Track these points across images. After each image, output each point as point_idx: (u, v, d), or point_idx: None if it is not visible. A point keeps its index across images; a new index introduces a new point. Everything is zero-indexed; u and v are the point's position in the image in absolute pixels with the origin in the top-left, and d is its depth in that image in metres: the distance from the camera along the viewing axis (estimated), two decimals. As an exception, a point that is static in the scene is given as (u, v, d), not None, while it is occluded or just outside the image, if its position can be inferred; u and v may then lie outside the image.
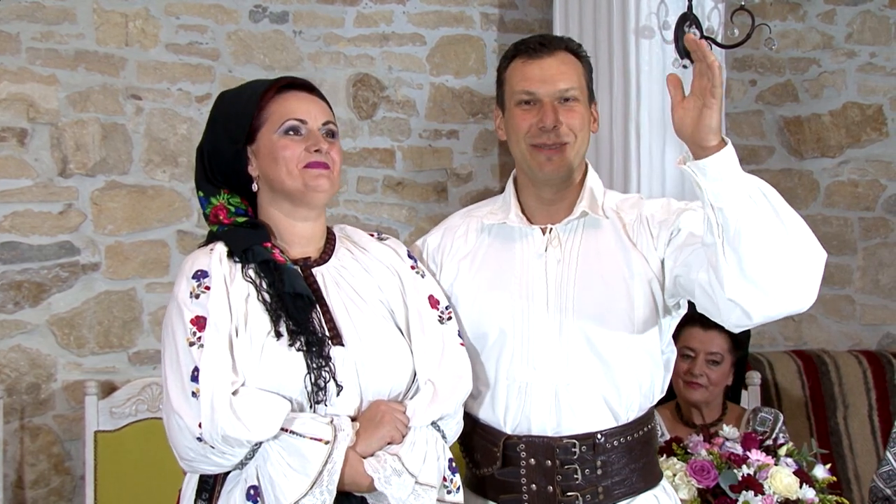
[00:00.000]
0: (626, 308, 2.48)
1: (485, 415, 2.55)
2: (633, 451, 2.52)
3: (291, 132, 2.42)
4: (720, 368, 3.76)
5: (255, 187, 2.46)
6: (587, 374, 2.47)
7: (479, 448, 2.57)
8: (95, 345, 4.37)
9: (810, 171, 5.33)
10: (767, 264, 2.16)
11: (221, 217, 2.47)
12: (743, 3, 4.10)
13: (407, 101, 4.79)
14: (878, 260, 5.34)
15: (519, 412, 2.50)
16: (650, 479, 2.56)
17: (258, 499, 2.26)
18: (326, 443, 2.25)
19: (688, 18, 4.13)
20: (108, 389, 4.23)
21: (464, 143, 4.85)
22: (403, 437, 2.34)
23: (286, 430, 2.26)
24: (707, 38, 4.14)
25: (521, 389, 2.49)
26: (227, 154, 2.45)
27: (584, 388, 2.47)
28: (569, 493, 2.46)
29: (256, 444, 2.25)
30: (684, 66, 4.15)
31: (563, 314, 2.48)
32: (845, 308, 5.32)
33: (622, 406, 2.50)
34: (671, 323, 2.59)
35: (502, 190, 2.68)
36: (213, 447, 2.24)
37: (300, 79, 2.52)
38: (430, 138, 4.82)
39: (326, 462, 2.24)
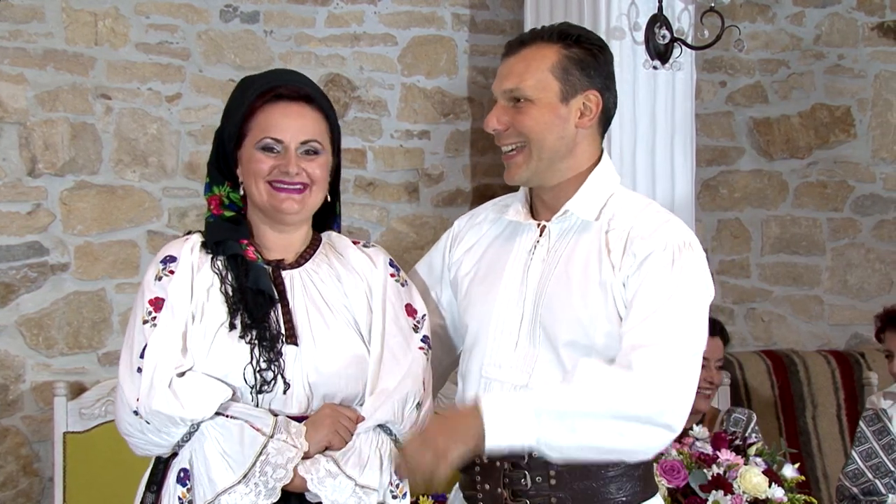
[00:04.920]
0: (592, 316, 2.38)
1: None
2: (600, 464, 2.36)
3: (266, 149, 2.43)
4: (721, 373, 3.87)
5: (241, 191, 2.49)
6: (547, 378, 2.38)
7: None
8: (65, 345, 4.34)
9: (779, 171, 5.37)
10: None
11: (213, 206, 2.50)
12: (713, 5, 4.11)
13: (378, 101, 4.78)
14: (846, 260, 5.38)
15: None
16: (643, 493, 2.43)
17: (187, 482, 2.29)
18: (264, 435, 2.29)
19: (658, 20, 4.15)
20: (77, 390, 4.21)
21: (435, 144, 4.85)
22: (346, 442, 2.35)
23: (225, 416, 2.30)
24: (677, 39, 4.16)
25: (485, 386, 2.44)
26: (228, 147, 2.49)
27: None
28: (517, 499, 2.39)
29: (193, 427, 2.29)
30: (654, 68, 4.17)
31: (534, 314, 2.42)
32: (814, 308, 5.36)
33: None
34: None
35: (474, 191, 2.66)
36: (148, 423, 2.28)
37: (296, 86, 2.47)
38: (401, 139, 4.81)
39: (261, 453, 2.28)
